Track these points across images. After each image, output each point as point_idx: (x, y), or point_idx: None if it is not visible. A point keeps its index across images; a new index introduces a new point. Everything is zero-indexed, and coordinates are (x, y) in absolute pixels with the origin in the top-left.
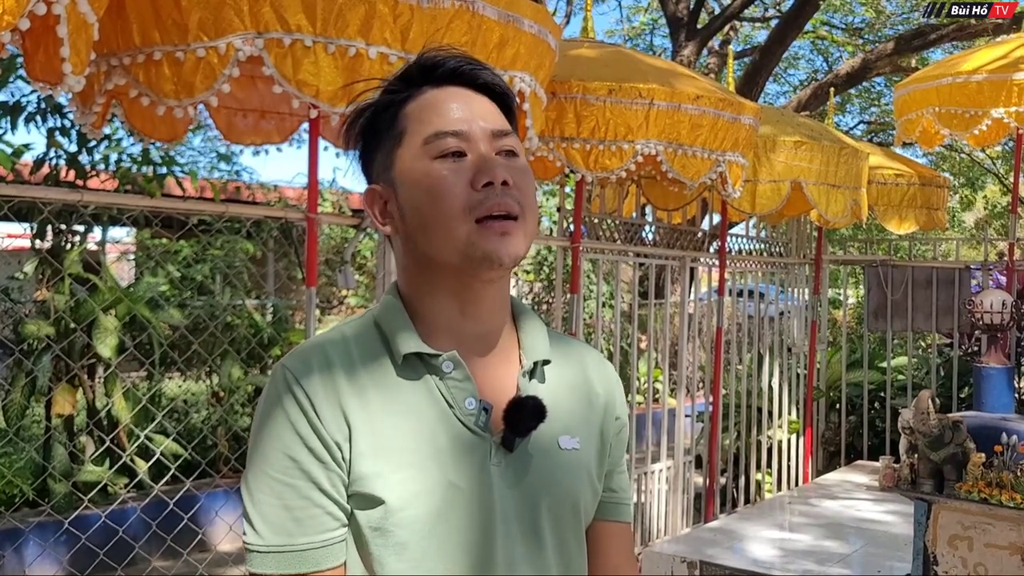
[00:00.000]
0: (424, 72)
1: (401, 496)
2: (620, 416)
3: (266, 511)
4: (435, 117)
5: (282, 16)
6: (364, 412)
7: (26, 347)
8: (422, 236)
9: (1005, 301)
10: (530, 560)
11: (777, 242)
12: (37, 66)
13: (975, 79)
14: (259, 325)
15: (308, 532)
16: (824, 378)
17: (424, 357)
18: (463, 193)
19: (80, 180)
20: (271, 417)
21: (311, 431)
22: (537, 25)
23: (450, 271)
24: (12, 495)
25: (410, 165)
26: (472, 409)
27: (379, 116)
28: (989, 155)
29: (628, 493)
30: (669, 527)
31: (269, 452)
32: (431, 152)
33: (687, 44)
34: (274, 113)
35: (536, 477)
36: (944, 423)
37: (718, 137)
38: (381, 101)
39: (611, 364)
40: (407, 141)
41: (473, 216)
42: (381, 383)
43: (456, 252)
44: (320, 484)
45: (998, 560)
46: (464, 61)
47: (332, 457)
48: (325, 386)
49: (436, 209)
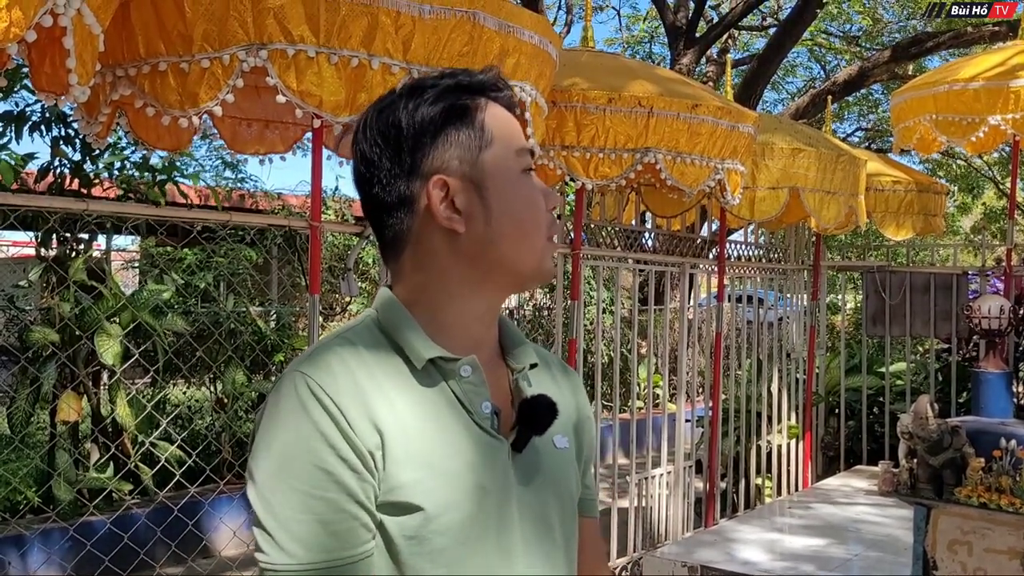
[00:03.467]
0: (482, 88)
1: (438, 503)
2: (588, 415)
3: (296, 528)
4: (515, 131)
5: (285, 27)
6: (394, 419)
7: (31, 354)
8: (510, 241)
9: (1003, 306)
10: (545, 557)
11: (776, 248)
12: (43, 77)
13: (972, 86)
14: (263, 332)
15: (347, 546)
16: (823, 383)
17: (438, 362)
18: (544, 211)
19: (84, 189)
20: (294, 428)
21: (343, 440)
22: (537, 35)
23: (512, 278)
24: (17, 502)
25: (504, 171)
26: (488, 413)
27: (453, 110)
28: (986, 161)
29: (595, 489)
30: (670, 532)
31: (296, 465)
32: (522, 165)
33: (686, 53)
34: (278, 123)
35: (545, 476)
36: (943, 428)
37: (717, 145)
38: (457, 98)
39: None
40: (497, 146)
41: (546, 234)
42: (404, 389)
43: (534, 262)
44: (356, 495)
45: (997, 565)
46: (505, 82)
47: (366, 467)
48: (351, 393)
49: (533, 219)
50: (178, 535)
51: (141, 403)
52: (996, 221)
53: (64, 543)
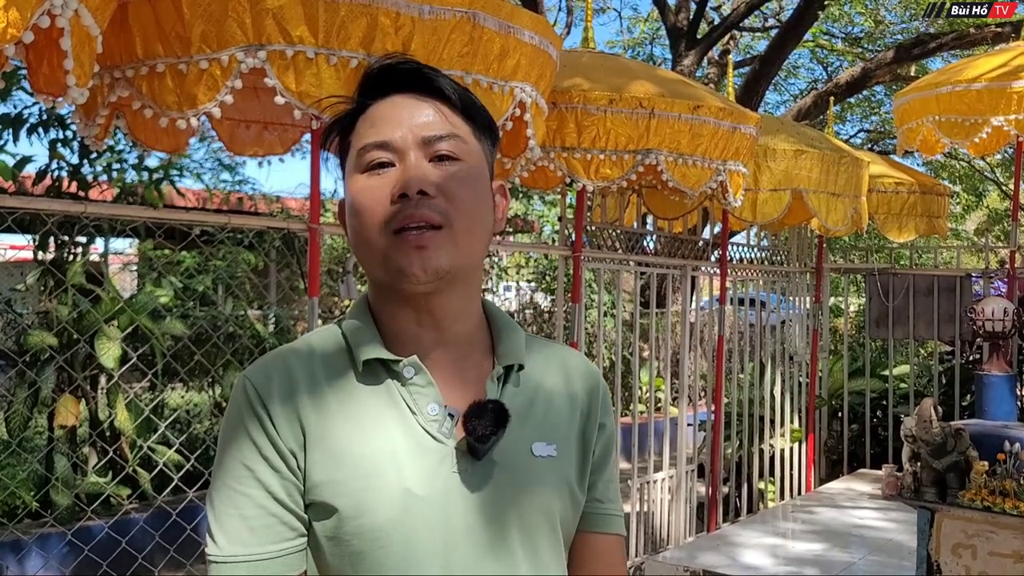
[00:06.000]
0: (372, 84)
1: (354, 504)
2: (605, 423)
3: (224, 521)
4: (369, 129)
5: (284, 28)
6: (320, 420)
7: (29, 358)
8: (355, 251)
9: (1007, 308)
10: (498, 572)
11: (778, 251)
12: (41, 78)
13: (975, 87)
14: (261, 335)
15: (263, 542)
16: (826, 386)
17: (386, 364)
18: (382, 206)
19: (82, 191)
20: (231, 427)
21: (266, 440)
22: (538, 36)
23: (381, 283)
24: (15, 506)
25: (347, 180)
26: (435, 415)
27: (342, 132)
28: (989, 163)
29: (617, 504)
30: (672, 536)
31: (228, 462)
32: (360, 166)
33: (687, 54)
34: (277, 124)
35: (504, 485)
36: (947, 431)
37: (718, 146)
38: (342, 117)
39: (597, 369)
40: (350, 156)
41: (390, 228)
42: (340, 390)
43: (378, 266)
44: (275, 493)
45: (1002, 568)
46: (406, 67)
47: (287, 466)
48: (282, 395)
49: (359, 223)
50: (176, 540)
51: (139, 407)
52: (999, 223)
53: (62, 548)
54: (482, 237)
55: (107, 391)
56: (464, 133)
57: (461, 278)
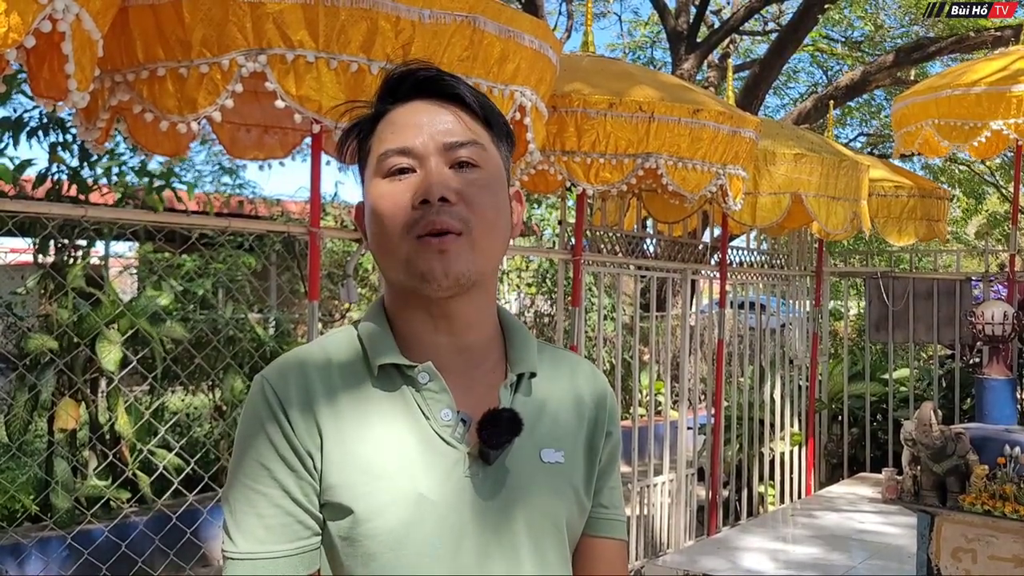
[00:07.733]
0: (393, 89)
1: (369, 506)
2: (612, 431)
3: (240, 519)
4: (390, 135)
5: (285, 32)
6: (336, 422)
7: (29, 361)
8: (377, 254)
9: (1007, 312)
10: (505, 574)
11: (778, 254)
12: (42, 82)
13: (974, 91)
14: (262, 339)
15: (279, 540)
16: (826, 390)
17: (401, 368)
18: (404, 211)
19: (82, 195)
20: (248, 427)
21: (284, 440)
22: (537, 40)
23: (401, 288)
24: (15, 510)
25: (367, 186)
26: (448, 420)
27: (362, 137)
28: (989, 166)
29: (621, 510)
30: (672, 540)
31: (245, 461)
32: (381, 171)
33: (687, 58)
34: (277, 128)
35: (514, 490)
36: (947, 435)
37: (718, 150)
38: (361, 121)
39: (605, 378)
40: (369, 160)
41: (413, 234)
42: (355, 394)
43: (400, 271)
44: (291, 493)
45: (1002, 572)
46: (427, 74)
47: (304, 466)
48: (299, 396)
49: (381, 228)
50: (176, 543)
51: (139, 410)
52: (999, 226)
53: (62, 551)
54: (500, 243)
55: (107, 394)
56: (484, 140)
57: (479, 284)
